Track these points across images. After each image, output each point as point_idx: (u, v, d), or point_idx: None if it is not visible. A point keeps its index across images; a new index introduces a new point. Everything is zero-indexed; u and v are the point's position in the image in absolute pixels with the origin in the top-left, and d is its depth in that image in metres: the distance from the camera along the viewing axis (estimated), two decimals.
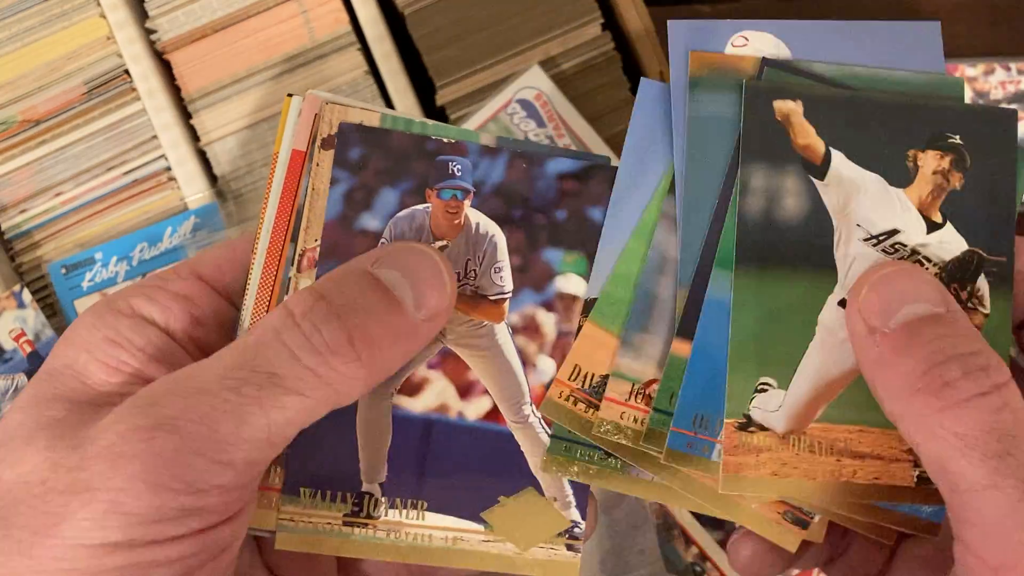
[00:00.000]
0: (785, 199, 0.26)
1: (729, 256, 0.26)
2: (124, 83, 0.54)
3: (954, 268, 0.26)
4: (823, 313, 0.26)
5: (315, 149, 0.28)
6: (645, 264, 0.27)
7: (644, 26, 0.55)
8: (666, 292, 0.27)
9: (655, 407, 0.27)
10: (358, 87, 0.55)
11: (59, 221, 0.55)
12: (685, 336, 0.26)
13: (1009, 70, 0.70)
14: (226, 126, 0.55)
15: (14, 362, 0.53)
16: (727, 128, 0.27)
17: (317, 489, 0.28)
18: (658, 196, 0.27)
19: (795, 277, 0.26)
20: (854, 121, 0.26)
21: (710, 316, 0.26)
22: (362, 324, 0.24)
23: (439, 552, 0.28)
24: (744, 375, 0.26)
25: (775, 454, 0.26)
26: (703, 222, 0.27)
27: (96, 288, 0.53)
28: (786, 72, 0.27)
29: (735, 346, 0.26)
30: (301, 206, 0.28)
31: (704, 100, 0.27)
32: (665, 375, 0.27)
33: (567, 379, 0.27)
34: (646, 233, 0.27)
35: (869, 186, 0.26)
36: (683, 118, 0.27)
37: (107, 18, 0.54)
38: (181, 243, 0.53)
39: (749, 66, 0.27)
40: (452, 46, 0.55)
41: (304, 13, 0.54)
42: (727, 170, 0.27)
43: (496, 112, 0.54)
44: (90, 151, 0.54)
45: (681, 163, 0.27)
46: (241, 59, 0.54)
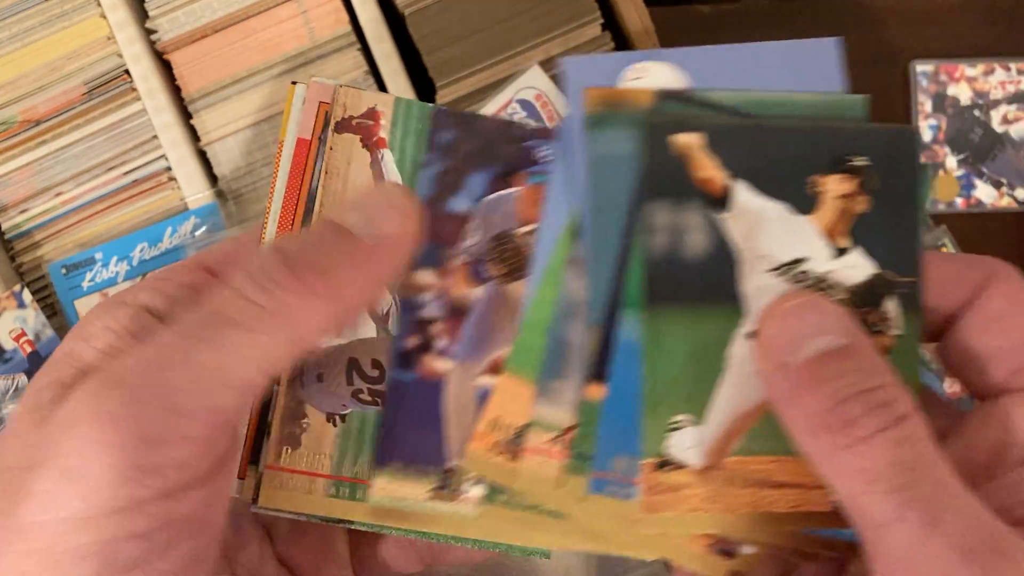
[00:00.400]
0: (689, 235, 0.26)
1: (636, 295, 0.26)
2: (124, 83, 0.54)
3: (862, 293, 0.26)
4: (733, 348, 0.26)
5: (328, 133, 0.28)
6: (555, 310, 0.27)
7: (644, 26, 0.55)
8: (579, 337, 0.27)
9: (573, 452, 0.26)
10: (358, 87, 0.55)
11: (59, 221, 0.55)
12: (597, 379, 0.26)
13: (1009, 70, 0.70)
14: (226, 126, 0.55)
15: (14, 362, 0.53)
16: (627, 165, 0.26)
17: (405, 463, 0.28)
18: (565, 239, 0.27)
19: (704, 313, 0.26)
20: (756, 150, 0.26)
21: (622, 357, 0.26)
22: (312, 258, 0.23)
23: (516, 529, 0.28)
24: (658, 414, 0.26)
25: (694, 490, 0.26)
26: (609, 262, 0.26)
27: (96, 288, 0.53)
28: (684, 103, 0.26)
29: (647, 386, 0.26)
30: (313, 190, 0.28)
31: (601, 138, 0.26)
32: (581, 420, 0.26)
33: (488, 431, 0.27)
34: (555, 278, 0.27)
35: (772, 215, 0.26)
36: (579, 157, 0.27)
37: (107, 18, 0.54)
38: (181, 243, 0.53)
39: (646, 99, 0.26)
40: (452, 46, 0.55)
41: (304, 13, 0.54)
42: (629, 209, 0.26)
43: (496, 112, 0.54)
44: (90, 151, 0.54)
45: (584, 204, 0.26)
46: (241, 59, 0.54)
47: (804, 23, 0.71)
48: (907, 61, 0.71)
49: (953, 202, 0.70)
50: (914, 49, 0.71)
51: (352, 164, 0.28)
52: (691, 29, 0.70)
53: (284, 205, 0.28)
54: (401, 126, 0.29)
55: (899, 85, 0.71)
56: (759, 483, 0.26)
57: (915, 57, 0.70)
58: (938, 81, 0.70)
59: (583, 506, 0.27)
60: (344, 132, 0.28)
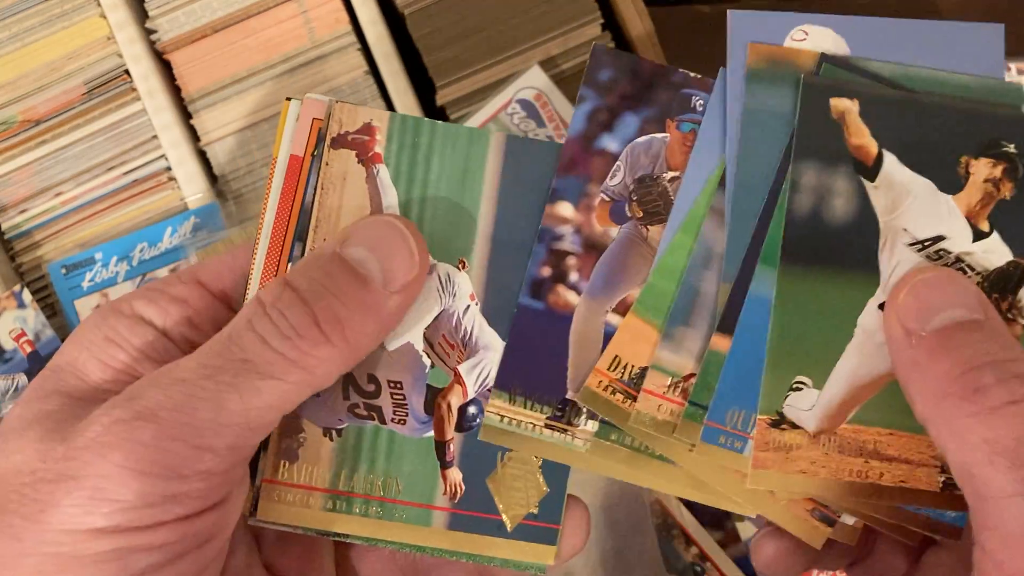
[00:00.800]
0: (834, 199, 0.26)
1: (774, 253, 0.26)
2: (124, 83, 0.54)
3: (996, 278, 0.26)
4: (863, 316, 0.26)
5: (324, 148, 0.28)
6: (691, 258, 0.27)
7: (644, 26, 0.55)
8: (710, 287, 0.27)
9: (691, 400, 0.27)
10: (358, 87, 0.55)
11: (59, 221, 0.55)
12: (725, 331, 0.26)
13: (1009, 70, 0.70)
14: (226, 126, 0.55)
15: (14, 362, 0.53)
16: (781, 123, 0.26)
17: (526, 390, 0.28)
18: (708, 189, 0.27)
19: (838, 278, 0.26)
20: (909, 124, 0.26)
21: (751, 313, 0.26)
22: (328, 305, 0.24)
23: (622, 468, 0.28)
24: (780, 373, 0.26)
25: (805, 452, 0.26)
26: (751, 218, 0.26)
27: (96, 288, 0.53)
28: (844, 69, 0.27)
29: (773, 344, 0.26)
30: (309, 206, 0.28)
31: (760, 93, 0.27)
32: (703, 370, 0.27)
33: (606, 369, 0.27)
34: (694, 226, 0.27)
35: (918, 191, 0.26)
36: (738, 110, 0.27)
37: (107, 18, 0.54)
38: (181, 243, 0.53)
39: (807, 61, 0.27)
40: (452, 46, 0.55)
41: (304, 13, 0.54)
42: (778, 166, 0.26)
43: (496, 112, 0.54)
44: (90, 151, 0.54)
45: (733, 156, 0.27)
46: (241, 59, 0.54)
47: None
48: None
49: None
50: None
51: (348, 179, 0.29)
52: (691, 29, 0.70)
53: (277, 220, 0.28)
54: (396, 141, 0.29)
55: None
56: (869, 454, 0.26)
57: None
58: None
59: (692, 454, 0.27)
60: (340, 147, 0.29)
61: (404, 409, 0.29)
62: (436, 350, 0.29)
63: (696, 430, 0.27)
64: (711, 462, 0.27)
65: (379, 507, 0.28)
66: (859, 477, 0.26)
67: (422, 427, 0.29)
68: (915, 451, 0.26)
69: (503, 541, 0.29)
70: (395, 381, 0.29)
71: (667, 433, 0.27)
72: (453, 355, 0.29)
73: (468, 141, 0.29)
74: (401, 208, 0.29)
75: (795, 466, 0.26)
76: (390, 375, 0.29)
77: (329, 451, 0.28)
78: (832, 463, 0.26)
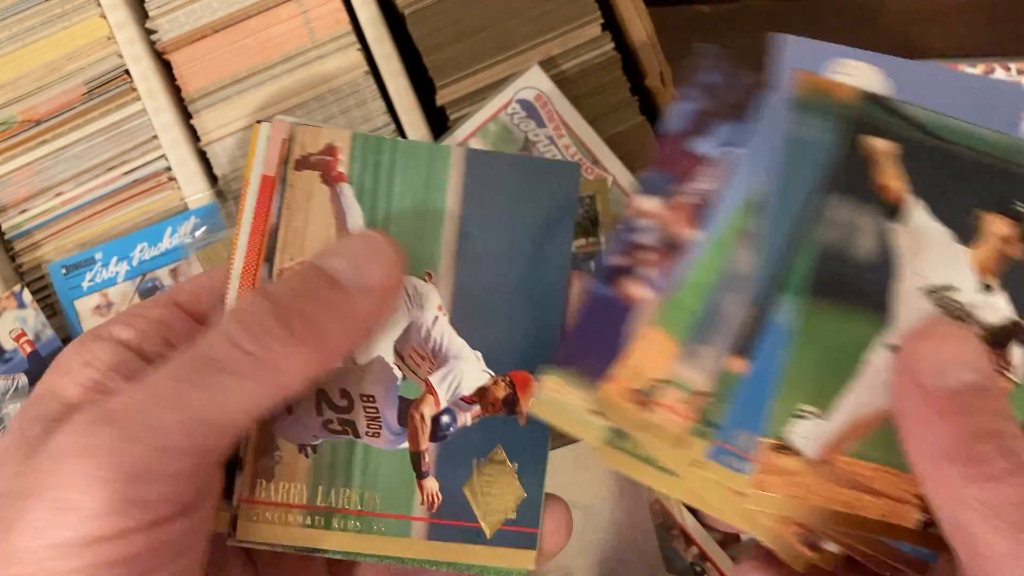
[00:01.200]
0: (859, 236, 0.27)
1: (799, 282, 0.27)
2: (124, 83, 0.54)
3: (995, 333, 0.27)
4: (871, 353, 0.27)
5: (287, 171, 0.29)
6: (718, 277, 0.28)
7: (644, 27, 0.55)
8: (733, 308, 0.27)
9: (701, 417, 0.27)
10: (358, 87, 0.55)
11: (59, 221, 0.55)
12: (742, 354, 0.27)
13: (1009, 70, 0.70)
14: (226, 126, 0.55)
15: (14, 362, 0.53)
16: (819, 153, 0.27)
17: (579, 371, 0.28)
18: (742, 210, 0.28)
19: (852, 313, 0.27)
20: (937, 173, 0.27)
21: (769, 338, 0.27)
22: (299, 306, 0.24)
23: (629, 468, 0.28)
24: (788, 399, 0.27)
25: (801, 478, 0.27)
26: (781, 244, 0.27)
27: (96, 288, 0.53)
28: (883, 110, 0.27)
29: (787, 371, 0.27)
30: (274, 228, 0.29)
31: (802, 121, 0.27)
32: (716, 389, 0.27)
33: (623, 378, 0.28)
34: (723, 246, 0.28)
35: (937, 238, 0.27)
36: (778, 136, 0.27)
37: (107, 18, 0.54)
38: (181, 243, 0.53)
39: (850, 96, 0.27)
40: (452, 46, 0.55)
41: (304, 13, 0.54)
42: (812, 196, 0.27)
43: (496, 112, 0.54)
44: (90, 151, 0.54)
45: (769, 181, 0.27)
46: (241, 59, 0.54)
47: (804, 23, 0.71)
48: None
49: None
50: (914, 49, 0.71)
51: (313, 199, 0.29)
52: (691, 29, 0.70)
53: (250, 241, 0.29)
54: (359, 160, 0.29)
55: None
56: (859, 486, 0.27)
57: (915, 57, 0.70)
58: None
59: (694, 469, 0.27)
60: (303, 169, 0.29)
61: (378, 422, 0.29)
62: (407, 362, 0.29)
63: (702, 447, 0.27)
64: (712, 479, 0.27)
65: (358, 521, 0.28)
66: (848, 508, 0.27)
67: (396, 439, 0.29)
68: (899, 489, 0.27)
69: (483, 548, 0.29)
70: (367, 395, 0.29)
71: (674, 446, 0.27)
72: (424, 366, 0.29)
73: (429, 157, 0.29)
74: (367, 225, 0.29)
75: (792, 490, 0.27)
76: (362, 389, 0.29)
77: (305, 468, 0.28)
78: (825, 491, 0.27)
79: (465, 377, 0.29)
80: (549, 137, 0.54)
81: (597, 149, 0.54)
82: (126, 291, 0.53)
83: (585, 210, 0.52)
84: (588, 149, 0.54)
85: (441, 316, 0.29)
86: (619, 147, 0.55)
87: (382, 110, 0.55)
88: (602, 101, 0.56)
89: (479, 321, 0.29)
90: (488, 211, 0.29)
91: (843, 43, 0.29)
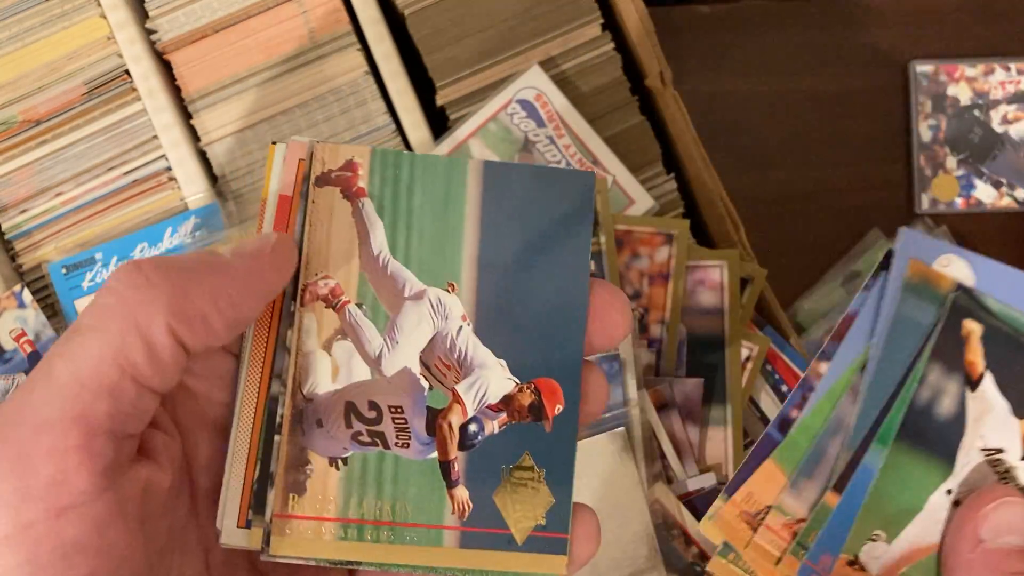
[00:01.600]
0: (944, 397, 0.33)
1: (889, 435, 0.32)
2: (124, 83, 0.54)
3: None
4: (934, 495, 0.32)
5: (308, 187, 0.29)
6: (826, 423, 0.33)
7: (644, 27, 0.55)
8: (834, 451, 0.33)
9: (798, 541, 0.33)
10: (358, 87, 0.55)
11: (59, 221, 0.55)
12: (837, 490, 0.33)
13: (1009, 70, 0.70)
14: (226, 126, 0.55)
15: (14, 362, 0.53)
16: (920, 330, 0.33)
17: None
18: (852, 369, 0.33)
19: (926, 460, 0.32)
20: (1007, 355, 0.33)
21: (859, 479, 0.32)
22: (163, 263, 0.24)
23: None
24: (866, 524, 0.32)
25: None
26: (879, 401, 0.33)
27: (96, 288, 0.53)
28: (970, 298, 0.33)
29: (870, 501, 0.32)
30: (298, 242, 0.29)
31: (909, 301, 0.33)
32: (812, 517, 0.33)
33: (740, 501, 0.33)
34: (834, 397, 0.33)
35: (998, 409, 0.32)
36: (890, 310, 0.33)
37: (107, 18, 0.54)
38: (181, 243, 0.53)
39: (948, 285, 0.33)
40: (452, 46, 0.55)
41: (304, 13, 0.54)
42: (910, 364, 0.33)
43: (496, 112, 0.54)
44: (90, 151, 0.54)
45: (877, 348, 0.33)
46: (241, 59, 0.54)
47: (804, 23, 0.71)
48: (907, 61, 0.71)
49: (953, 202, 0.70)
50: (914, 49, 0.71)
51: (334, 214, 0.30)
52: (691, 29, 0.70)
53: None
54: (379, 174, 0.30)
55: (899, 85, 0.71)
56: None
57: (915, 57, 0.70)
58: (938, 81, 0.70)
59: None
60: (324, 185, 0.29)
61: (407, 433, 0.29)
62: (433, 372, 0.29)
63: (794, 565, 0.33)
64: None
65: (390, 531, 0.29)
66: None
67: (426, 449, 0.29)
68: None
69: (514, 555, 0.29)
70: (396, 406, 0.29)
71: (772, 563, 0.33)
72: (450, 376, 0.29)
73: (447, 169, 0.30)
74: (388, 238, 0.29)
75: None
76: (390, 400, 0.29)
77: (336, 481, 0.29)
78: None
79: (491, 386, 0.29)
80: (549, 137, 0.54)
81: (597, 149, 0.54)
82: None
83: None
84: (588, 149, 0.54)
85: (465, 326, 0.29)
86: (619, 147, 0.55)
87: (382, 110, 0.55)
88: (602, 101, 0.56)
89: (502, 330, 0.29)
90: (506, 221, 0.30)
91: (843, 43, 0.29)
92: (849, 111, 0.71)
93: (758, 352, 0.54)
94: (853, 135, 0.71)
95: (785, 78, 0.71)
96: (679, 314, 0.53)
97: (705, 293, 0.54)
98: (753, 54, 0.71)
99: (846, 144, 0.71)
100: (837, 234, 0.70)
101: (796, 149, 0.71)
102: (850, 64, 0.70)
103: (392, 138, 0.55)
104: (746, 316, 0.55)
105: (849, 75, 0.71)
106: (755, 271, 0.55)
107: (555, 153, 0.54)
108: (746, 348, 0.54)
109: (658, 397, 0.52)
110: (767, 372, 0.56)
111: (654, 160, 0.56)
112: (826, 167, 0.71)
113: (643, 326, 0.53)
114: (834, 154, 0.71)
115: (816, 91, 0.71)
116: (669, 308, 0.53)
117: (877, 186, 0.71)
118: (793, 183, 0.70)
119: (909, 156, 0.71)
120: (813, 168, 0.71)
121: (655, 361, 0.54)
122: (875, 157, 0.71)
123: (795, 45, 0.71)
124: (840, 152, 0.71)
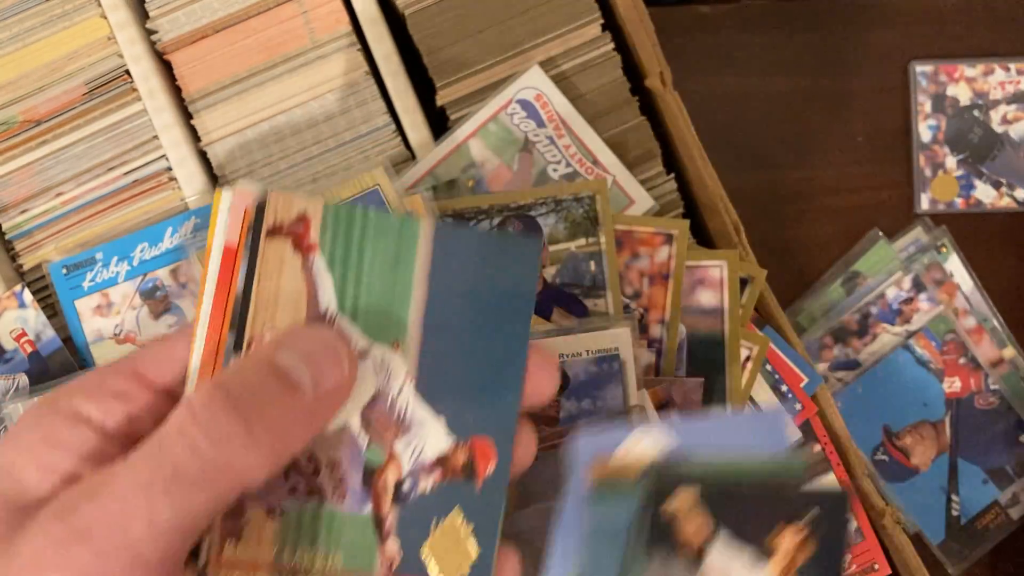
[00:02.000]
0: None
1: None
2: (125, 83, 0.54)
3: None
4: None
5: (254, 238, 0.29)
6: None
7: (644, 27, 0.55)
8: None
9: None
10: (358, 87, 0.55)
11: (60, 221, 0.55)
12: None
13: (1009, 70, 0.70)
14: (226, 126, 0.55)
15: (15, 362, 0.53)
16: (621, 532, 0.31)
17: None
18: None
19: None
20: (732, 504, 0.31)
21: None
22: (259, 410, 0.25)
23: None
24: None
25: None
26: None
27: (96, 288, 0.53)
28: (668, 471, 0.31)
29: None
30: (240, 296, 0.29)
31: (600, 511, 0.31)
32: None
33: None
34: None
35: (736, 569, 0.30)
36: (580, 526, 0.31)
37: (108, 18, 0.54)
38: (181, 243, 0.53)
39: (633, 474, 0.31)
40: (452, 46, 0.55)
41: (304, 13, 0.54)
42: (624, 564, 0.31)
43: (496, 112, 0.54)
44: (91, 151, 0.54)
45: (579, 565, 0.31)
46: (241, 59, 0.54)
47: (804, 23, 0.71)
48: (907, 61, 0.71)
49: (952, 202, 0.70)
50: (914, 49, 0.71)
51: (284, 267, 0.30)
52: (691, 29, 0.70)
53: (214, 311, 0.29)
54: (331, 229, 0.30)
55: (899, 85, 0.71)
56: None
57: (915, 57, 0.70)
58: (938, 81, 0.70)
59: None
60: (275, 237, 0.30)
61: (343, 486, 0.30)
62: (373, 427, 0.30)
63: None
64: None
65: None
66: None
67: (361, 502, 0.30)
68: None
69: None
70: (334, 460, 0.30)
71: None
72: (389, 432, 0.30)
73: (399, 229, 0.30)
74: (337, 292, 0.30)
75: None
76: (329, 455, 0.30)
77: (272, 529, 0.29)
78: None
79: (427, 445, 0.30)
80: (549, 137, 0.54)
81: (597, 149, 0.54)
82: (127, 291, 0.53)
83: (585, 210, 0.52)
84: (588, 149, 0.54)
85: (407, 385, 0.30)
86: (619, 147, 0.55)
87: (382, 110, 0.55)
88: (602, 101, 0.56)
89: (444, 387, 0.30)
90: (454, 283, 0.31)
91: (843, 43, 0.29)
92: (849, 111, 0.71)
93: (758, 352, 0.54)
94: (853, 135, 0.71)
95: (785, 78, 0.71)
96: (679, 314, 0.53)
97: (705, 293, 0.54)
98: (753, 54, 0.71)
99: (846, 144, 0.71)
100: (837, 234, 0.70)
101: (796, 149, 0.71)
102: (850, 64, 0.71)
103: (392, 138, 0.55)
104: (746, 316, 0.55)
105: (849, 75, 0.71)
106: (755, 271, 0.55)
107: (555, 153, 0.54)
108: (746, 348, 0.54)
109: (658, 397, 0.52)
110: (767, 372, 0.56)
111: (654, 160, 0.56)
112: (826, 167, 0.71)
113: (643, 326, 0.53)
114: (834, 154, 0.71)
115: (816, 91, 0.71)
116: (669, 308, 0.53)
117: (877, 186, 0.71)
118: (793, 183, 0.70)
119: (909, 156, 0.71)
120: (813, 168, 0.71)
121: (655, 361, 0.54)
122: (875, 157, 0.71)
123: (795, 45, 0.71)
124: (840, 152, 0.71)
